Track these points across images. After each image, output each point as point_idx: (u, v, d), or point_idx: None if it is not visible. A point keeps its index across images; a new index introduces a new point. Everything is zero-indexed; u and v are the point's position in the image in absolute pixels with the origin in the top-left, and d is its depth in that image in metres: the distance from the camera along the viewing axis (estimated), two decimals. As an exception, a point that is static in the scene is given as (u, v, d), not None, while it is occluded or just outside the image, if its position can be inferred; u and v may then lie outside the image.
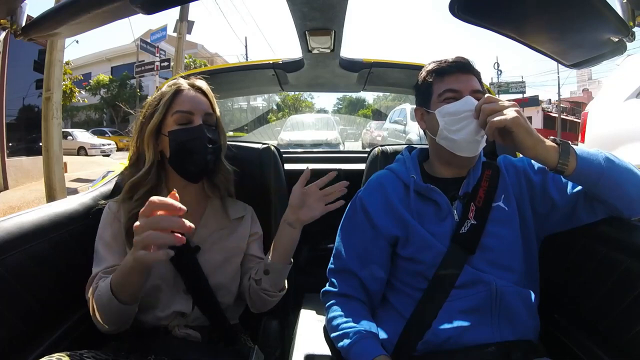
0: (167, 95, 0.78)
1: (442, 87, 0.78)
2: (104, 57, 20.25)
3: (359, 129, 9.31)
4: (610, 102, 2.37)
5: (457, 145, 0.76)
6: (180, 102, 0.78)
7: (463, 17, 0.70)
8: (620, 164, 0.68)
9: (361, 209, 0.83)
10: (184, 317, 0.77)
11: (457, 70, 0.78)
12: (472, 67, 0.80)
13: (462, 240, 0.73)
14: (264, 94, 12.23)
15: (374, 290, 0.79)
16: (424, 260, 0.74)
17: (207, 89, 0.84)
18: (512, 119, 0.65)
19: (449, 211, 0.77)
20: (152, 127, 0.77)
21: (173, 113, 0.77)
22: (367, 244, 0.80)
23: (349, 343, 0.70)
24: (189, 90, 0.80)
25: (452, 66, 0.79)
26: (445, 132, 0.77)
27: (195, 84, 0.83)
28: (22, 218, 0.74)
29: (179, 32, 7.85)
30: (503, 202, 0.77)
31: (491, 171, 0.80)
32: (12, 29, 0.76)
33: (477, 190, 0.77)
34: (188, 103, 0.78)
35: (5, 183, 5.95)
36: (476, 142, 0.75)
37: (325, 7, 0.85)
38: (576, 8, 0.67)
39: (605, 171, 0.66)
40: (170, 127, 0.77)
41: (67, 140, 11.99)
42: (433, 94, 0.80)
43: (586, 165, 0.66)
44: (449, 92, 0.77)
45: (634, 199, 0.68)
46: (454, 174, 0.82)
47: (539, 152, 0.67)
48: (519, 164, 0.82)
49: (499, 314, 0.69)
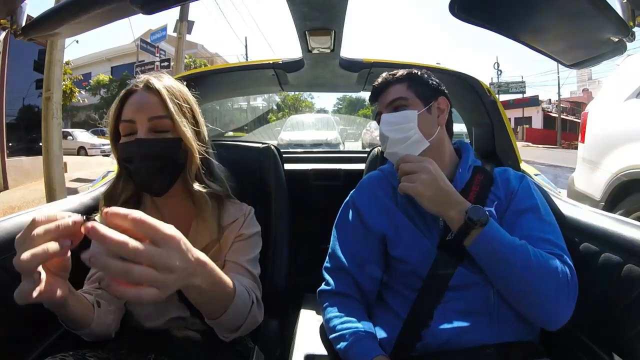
0: (116, 101, 0.71)
1: (376, 109, 0.88)
2: (104, 57, 20.27)
3: (359, 129, 9.31)
4: (610, 102, 2.36)
5: (393, 160, 0.81)
6: (126, 109, 0.70)
7: (463, 17, 0.70)
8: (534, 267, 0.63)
9: (353, 208, 0.84)
10: (183, 321, 0.76)
11: (378, 94, 0.86)
12: (387, 81, 0.84)
13: (448, 247, 0.72)
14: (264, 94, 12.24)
15: (369, 289, 0.79)
16: (414, 260, 0.74)
17: (161, 87, 0.69)
18: (414, 191, 0.68)
19: (434, 217, 0.75)
20: (110, 136, 0.73)
21: (120, 122, 0.70)
22: (360, 243, 0.80)
23: (346, 345, 0.70)
24: (139, 92, 0.70)
25: (374, 91, 0.87)
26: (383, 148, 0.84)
27: (149, 81, 0.70)
28: (22, 218, 0.74)
29: (179, 32, 7.86)
30: (495, 209, 0.76)
31: (483, 176, 0.79)
32: (12, 29, 0.76)
33: (467, 194, 0.76)
34: (131, 110, 0.69)
35: (5, 183, 5.95)
36: (394, 153, 0.79)
37: (325, 7, 0.85)
38: (576, 8, 0.67)
39: (508, 263, 0.63)
40: (121, 137, 0.71)
41: (67, 140, 11.99)
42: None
43: (483, 251, 0.66)
44: (378, 115, 0.86)
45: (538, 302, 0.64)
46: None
47: (444, 217, 0.70)
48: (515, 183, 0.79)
49: (497, 316, 0.69)
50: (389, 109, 0.82)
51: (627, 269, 0.64)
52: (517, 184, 0.79)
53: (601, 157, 2.26)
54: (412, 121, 0.79)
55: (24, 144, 6.85)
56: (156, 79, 0.72)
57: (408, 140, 0.78)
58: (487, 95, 1.21)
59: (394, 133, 0.79)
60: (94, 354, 0.63)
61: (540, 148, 17.36)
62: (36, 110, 6.59)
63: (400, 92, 0.81)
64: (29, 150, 6.72)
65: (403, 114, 0.79)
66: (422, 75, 0.85)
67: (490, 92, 1.23)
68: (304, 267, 1.46)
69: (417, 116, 0.79)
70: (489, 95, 1.22)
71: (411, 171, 0.70)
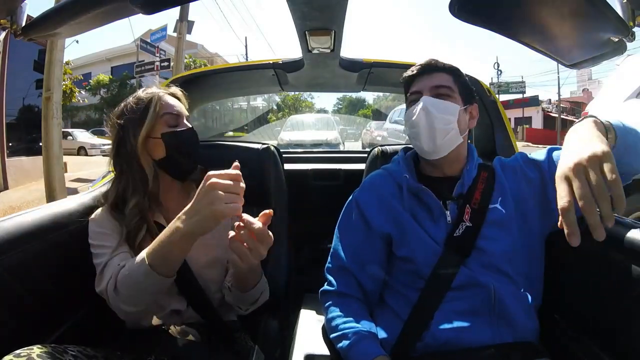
0: (155, 100, 0.79)
1: (411, 90, 0.84)
2: (104, 57, 20.24)
3: (359, 129, 9.31)
4: (610, 102, 2.37)
5: (421, 149, 0.81)
6: (165, 106, 0.80)
7: (463, 17, 0.70)
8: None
9: (356, 208, 0.83)
10: (179, 315, 0.77)
11: (420, 74, 0.82)
12: (436, 66, 0.82)
13: (455, 244, 0.73)
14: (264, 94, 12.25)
15: (371, 289, 0.79)
16: (419, 259, 0.74)
17: (182, 95, 0.87)
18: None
19: (441, 213, 0.76)
20: (145, 132, 0.77)
21: (162, 115, 0.79)
22: (363, 243, 0.80)
23: (348, 344, 0.70)
24: (169, 96, 0.83)
25: (416, 71, 0.83)
26: (411, 137, 0.82)
27: (169, 91, 0.85)
28: (22, 218, 0.74)
29: (179, 32, 7.86)
30: (500, 205, 0.76)
31: (487, 173, 0.80)
32: (12, 29, 0.76)
33: (473, 191, 0.77)
34: (172, 107, 0.81)
35: (5, 183, 5.95)
36: (432, 148, 0.78)
37: (325, 7, 0.85)
38: (576, 8, 0.67)
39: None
40: (160, 130, 0.79)
41: (67, 140, 11.98)
42: (407, 100, 0.85)
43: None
44: (413, 94, 0.82)
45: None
46: (444, 174, 0.82)
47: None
48: (514, 163, 0.82)
49: (497, 316, 0.69)
50: (432, 92, 0.79)
51: (627, 269, 0.64)
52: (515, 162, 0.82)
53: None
54: (454, 114, 0.78)
55: (24, 144, 6.85)
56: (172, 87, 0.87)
57: (450, 132, 0.77)
58: (487, 95, 1.21)
59: (436, 121, 0.76)
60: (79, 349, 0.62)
61: (540, 148, 17.32)
62: (36, 110, 6.59)
63: (447, 81, 0.80)
64: (29, 150, 6.72)
65: (447, 104, 0.78)
66: (464, 75, 0.85)
67: (490, 92, 1.23)
68: (304, 267, 1.46)
69: (458, 111, 0.79)
70: (489, 95, 1.22)
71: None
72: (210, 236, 0.81)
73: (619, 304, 0.65)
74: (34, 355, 0.53)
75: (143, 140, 0.78)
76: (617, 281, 0.65)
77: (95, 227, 0.77)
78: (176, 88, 0.87)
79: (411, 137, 0.82)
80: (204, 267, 0.80)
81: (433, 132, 0.77)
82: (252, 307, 0.80)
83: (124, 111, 0.80)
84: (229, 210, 0.58)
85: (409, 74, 0.84)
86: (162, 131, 0.78)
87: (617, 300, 0.65)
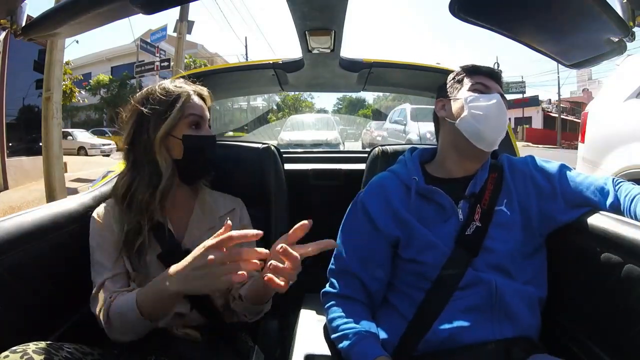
0: (183, 97, 0.78)
1: (475, 80, 0.83)
2: (104, 57, 20.22)
3: (359, 129, 9.32)
4: (610, 102, 2.36)
5: (478, 135, 0.78)
6: (192, 106, 0.79)
7: (463, 17, 0.70)
8: None
9: (362, 210, 0.83)
10: (182, 318, 0.77)
11: (489, 74, 0.84)
12: (500, 78, 0.85)
13: (466, 242, 0.73)
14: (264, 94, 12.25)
15: (375, 291, 0.79)
16: (426, 261, 0.74)
17: (207, 96, 0.85)
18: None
19: (453, 212, 0.76)
20: (166, 129, 0.75)
21: (186, 115, 0.77)
22: (368, 245, 0.80)
23: (349, 344, 0.69)
24: (196, 96, 0.81)
25: (485, 69, 0.85)
26: (470, 119, 0.78)
27: (197, 90, 0.83)
28: (22, 218, 0.74)
29: (179, 32, 7.85)
30: (505, 207, 0.77)
31: (496, 174, 0.80)
32: (12, 29, 0.76)
33: (484, 192, 0.77)
34: (199, 108, 0.80)
35: (5, 183, 5.95)
36: (495, 139, 0.78)
37: (325, 7, 0.85)
38: (576, 8, 0.67)
39: None
40: (182, 130, 0.77)
41: (67, 140, 11.97)
42: (463, 86, 0.83)
43: None
44: (481, 85, 0.82)
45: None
46: (462, 172, 0.82)
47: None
48: (524, 168, 0.82)
49: (498, 312, 0.69)
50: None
51: (627, 269, 0.64)
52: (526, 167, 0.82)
53: (601, 157, 2.26)
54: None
55: (24, 144, 6.85)
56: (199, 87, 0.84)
57: (504, 132, 0.81)
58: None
59: (505, 118, 0.80)
60: (75, 347, 0.62)
61: (540, 148, 17.34)
62: (36, 110, 6.59)
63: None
64: (29, 150, 6.72)
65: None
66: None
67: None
68: (304, 267, 1.46)
69: None
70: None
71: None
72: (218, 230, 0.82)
73: (619, 304, 0.65)
74: (30, 350, 0.53)
75: (163, 136, 0.75)
76: (617, 281, 0.65)
77: (96, 226, 0.76)
78: (204, 88, 0.85)
79: (474, 121, 0.78)
80: None
81: (501, 126, 0.79)
82: (258, 317, 0.80)
83: (148, 98, 0.77)
84: (221, 286, 0.55)
85: (478, 67, 0.85)
86: (185, 132, 0.77)
87: (617, 300, 0.65)
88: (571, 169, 0.81)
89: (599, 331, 0.69)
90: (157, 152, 0.75)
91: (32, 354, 0.53)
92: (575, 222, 0.76)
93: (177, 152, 0.77)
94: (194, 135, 0.77)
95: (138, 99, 0.79)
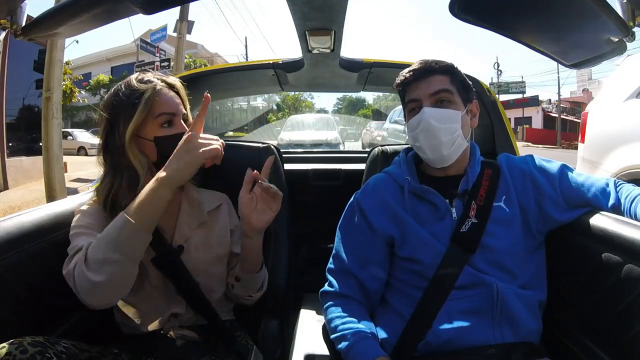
0: (148, 94, 0.72)
1: (408, 97, 0.81)
2: (104, 57, 20.24)
3: (359, 129, 9.31)
4: (610, 102, 2.36)
5: (426, 157, 0.80)
6: (160, 102, 0.73)
7: (463, 17, 0.70)
8: None
9: (358, 210, 0.83)
10: (177, 318, 0.77)
11: (416, 79, 0.79)
12: (431, 68, 0.78)
13: (462, 239, 0.73)
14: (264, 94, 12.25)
15: (373, 290, 0.79)
16: (422, 259, 0.74)
17: (181, 87, 0.80)
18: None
19: (447, 210, 0.77)
20: (133, 130, 0.71)
21: (156, 115, 0.73)
22: (365, 244, 0.80)
23: (347, 345, 0.69)
24: (167, 89, 0.76)
25: (411, 75, 0.79)
26: (414, 144, 0.81)
27: (169, 81, 0.78)
28: (22, 218, 0.74)
29: (179, 32, 7.86)
30: (504, 203, 0.77)
31: (492, 170, 0.80)
32: (12, 29, 0.76)
33: (478, 188, 0.77)
34: (169, 104, 0.75)
35: (5, 183, 5.95)
36: (440, 155, 0.77)
37: (325, 7, 0.85)
38: (576, 8, 0.67)
39: None
40: (153, 130, 0.73)
41: (67, 140, 11.99)
42: (406, 106, 0.83)
43: None
44: (412, 102, 0.80)
45: None
46: (454, 171, 0.82)
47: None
48: (524, 167, 0.81)
49: (500, 316, 0.69)
50: (431, 100, 0.77)
51: (627, 269, 0.64)
52: (525, 165, 0.81)
53: (601, 157, 2.26)
54: (457, 122, 0.77)
55: (24, 144, 6.85)
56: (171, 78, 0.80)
57: (455, 140, 0.76)
58: (487, 95, 1.21)
59: (441, 133, 0.75)
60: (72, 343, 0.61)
61: (540, 148, 17.35)
62: (36, 110, 6.59)
63: (444, 83, 0.77)
64: (29, 150, 6.72)
65: (449, 113, 0.76)
66: (460, 71, 0.82)
67: (490, 92, 1.23)
68: (304, 267, 1.46)
69: (461, 117, 0.78)
70: (489, 95, 1.22)
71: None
72: (211, 235, 0.82)
73: (619, 304, 0.65)
74: (25, 342, 0.54)
75: (131, 139, 0.72)
76: (617, 281, 0.65)
77: (81, 216, 0.73)
78: (175, 79, 0.79)
79: (416, 149, 0.81)
80: (206, 265, 0.80)
81: (439, 144, 0.76)
82: (258, 293, 0.82)
83: (113, 101, 0.73)
84: (204, 153, 0.64)
85: (402, 79, 0.80)
86: (156, 133, 0.73)
87: (617, 300, 0.65)
88: (572, 170, 0.81)
89: (599, 331, 0.69)
90: (131, 156, 0.72)
91: (27, 345, 0.53)
92: (575, 222, 0.76)
93: (152, 154, 0.74)
94: (164, 136, 0.73)
95: (106, 99, 0.75)
